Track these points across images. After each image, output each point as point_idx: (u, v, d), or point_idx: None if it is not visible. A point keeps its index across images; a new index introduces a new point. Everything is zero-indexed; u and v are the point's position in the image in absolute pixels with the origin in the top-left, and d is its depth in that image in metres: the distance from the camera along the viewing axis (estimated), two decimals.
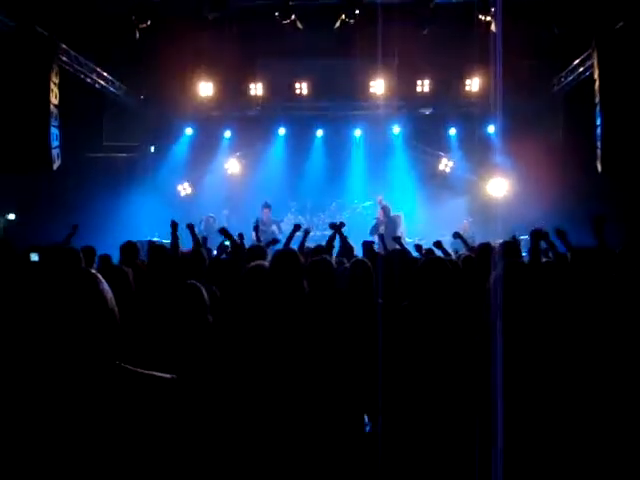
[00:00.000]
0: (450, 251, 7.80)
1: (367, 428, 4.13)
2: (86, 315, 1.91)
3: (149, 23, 11.63)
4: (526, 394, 2.85)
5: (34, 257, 5.38)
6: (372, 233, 13.30)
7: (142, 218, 14.07)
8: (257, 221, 9.10)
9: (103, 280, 2.00)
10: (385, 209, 14.00)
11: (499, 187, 15.19)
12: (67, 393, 1.86)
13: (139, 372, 2.00)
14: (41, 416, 1.83)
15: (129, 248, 6.16)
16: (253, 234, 8.04)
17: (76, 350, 1.89)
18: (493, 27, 11.66)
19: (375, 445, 3.90)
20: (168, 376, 2.03)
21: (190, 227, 7.03)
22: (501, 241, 6.10)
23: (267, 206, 14.32)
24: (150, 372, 2.01)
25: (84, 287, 1.95)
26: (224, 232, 6.86)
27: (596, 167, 11.05)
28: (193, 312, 3.70)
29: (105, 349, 1.95)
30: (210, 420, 3.14)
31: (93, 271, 2.05)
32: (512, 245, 5.71)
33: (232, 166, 16.57)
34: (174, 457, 1.95)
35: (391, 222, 13.65)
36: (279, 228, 14.32)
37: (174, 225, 6.59)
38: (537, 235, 5.37)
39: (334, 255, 6.62)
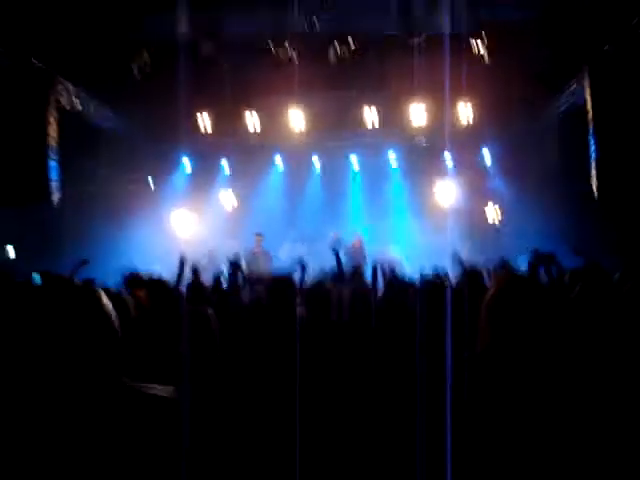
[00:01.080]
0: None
1: None
2: (90, 330, 1.96)
3: (147, 58, 11.78)
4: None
5: (37, 279, 5.36)
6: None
7: (141, 250, 14.10)
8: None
9: (106, 297, 2.06)
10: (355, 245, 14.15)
11: (494, 214, 15.29)
12: (74, 409, 1.90)
13: (143, 387, 2.04)
14: (48, 431, 1.87)
15: (132, 279, 6.21)
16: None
17: (82, 366, 1.94)
18: (484, 53, 11.82)
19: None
20: (170, 389, 2.07)
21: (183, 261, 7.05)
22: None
23: (260, 236, 14.22)
24: (153, 386, 2.06)
25: (87, 303, 2.00)
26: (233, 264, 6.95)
27: (591, 193, 11.12)
28: (202, 336, 3.73)
29: (110, 366, 1.99)
30: (208, 438, 3.16)
31: (95, 288, 2.10)
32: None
33: (230, 197, 16.67)
34: (175, 470, 1.98)
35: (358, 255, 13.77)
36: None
37: (182, 261, 6.67)
38: (541, 258, 5.30)
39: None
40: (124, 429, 1.92)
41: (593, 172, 11.02)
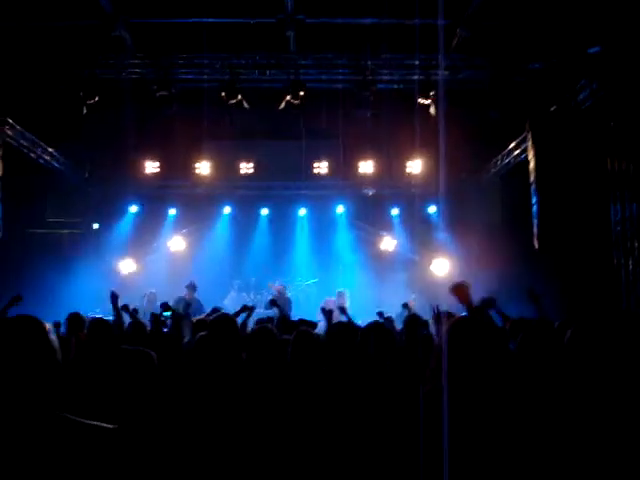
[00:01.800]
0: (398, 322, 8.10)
1: None
2: (35, 362, 1.90)
3: (96, 99, 11.73)
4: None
5: None
6: (266, 308, 13.23)
7: (84, 293, 13.79)
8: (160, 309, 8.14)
9: (52, 330, 2.00)
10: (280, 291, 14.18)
11: (441, 266, 15.48)
12: (8, 440, 1.82)
13: (81, 422, 1.97)
14: None
15: (74, 319, 6.13)
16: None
17: (20, 396, 1.87)
18: (432, 110, 12.10)
19: None
20: (110, 426, 2.00)
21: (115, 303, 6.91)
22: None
23: (191, 286, 13.75)
24: (92, 422, 1.99)
25: (34, 333, 1.94)
26: (165, 306, 7.00)
27: (533, 245, 11.39)
28: (142, 374, 3.64)
29: (48, 398, 1.92)
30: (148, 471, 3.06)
31: (41, 321, 2.04)
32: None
33: (176, 243, 16.53)
34: None
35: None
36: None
37: (114, 296, 6.62)
38: (487, 303, 5.51)
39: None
40: (58, 460, 1.85)
41: (535, 224, 11.32)
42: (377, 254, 16.66)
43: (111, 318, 6.48)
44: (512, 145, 13.95)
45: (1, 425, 1.85)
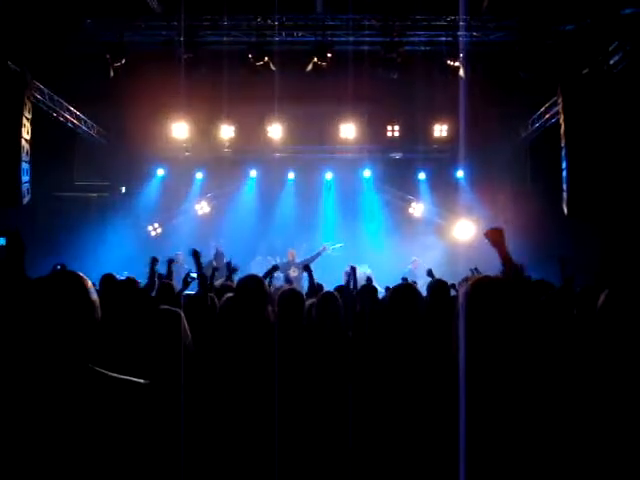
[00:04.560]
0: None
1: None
2: (74, 316, 1.95)
3: (123, 62, 11.74)
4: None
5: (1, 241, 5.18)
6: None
7: (114, 256, 13.95)
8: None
9: (93, 288, 2.04)
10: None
11: (466, 229, 15.43)
12: (42, 392, 1.87)
13: (114, 376, 2.02)
14: (15, 414, 1.84)
15: (107, 280, 6.24)
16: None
17: (57, 350, 1.91)
18: (461, 73, 11.93)
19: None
20: (142, 381, 2.05)
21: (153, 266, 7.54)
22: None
23: (219, 254, 13.72)
24: (125, 377, 2.03)
25: (75, 289, 1.98)
26: (195, 253, 7.13)
27: (562, 210, 11.26)
28: (171, 333, 3.70)
29: (85, 352, 1.97)
30: (179, 431, 3.12)
31: (85, 278, 2.08)
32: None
33: (203, 207, 16.62)
34: (144, 459, 1.95)
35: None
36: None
37: (155, 260, 7.58)
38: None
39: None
40: (94, 412, 1.90)
41: (564, 188, 11.17)
42: (403, 218, 16.62)
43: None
44: (542, 109, 13.74)
45: (38, 376, 1.90)
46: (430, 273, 8.98)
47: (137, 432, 1.95)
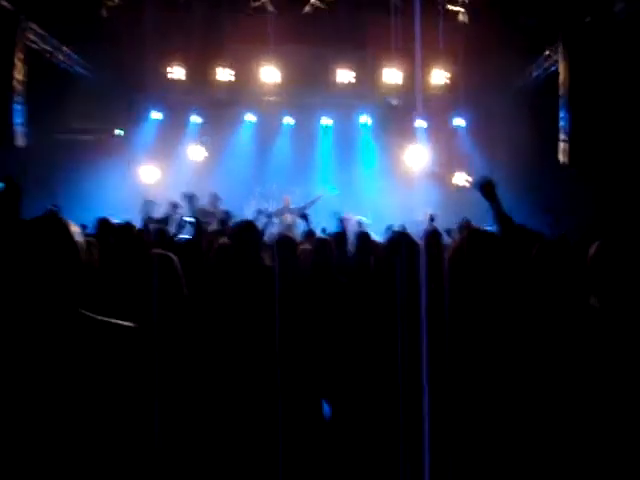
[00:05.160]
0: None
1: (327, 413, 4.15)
2: (58, 260, 1.94)
3: (116, 1, 11.51)
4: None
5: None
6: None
7: (111, 200, 13.88)
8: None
9: (74, 227, 2.03)
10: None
11: (463, 179, 15.40)
12: (31, 336, 1.88)
13: (101, 319, 2.02)
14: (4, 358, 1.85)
15: (103, 224, 6.25)
16: None
17: (44, 294, 1.91)
18: (461, 17, 11.75)
19: (333, 430, 3.94)
20: (129, 324, 2.06)
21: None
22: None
23: (214, 197, 13.59)
24: (112, 320, 2.04)
25: (57, 232, 1.97)
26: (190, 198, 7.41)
27: (558, 160, 11.20)
28: (164, 277, 3.70)
29: (71, 296, 1.97)
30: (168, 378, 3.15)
31: (66, 220, 2.06)
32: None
33: (196, 152, 16.49)
34: (133, 403, 1.97)
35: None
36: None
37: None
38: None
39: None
40: (81, 355, 1.91)
41: (561, 137, 11.09)
42: (400, 165, 16.55)
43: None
44: (542, 57, 13.54)
45: (25, 321, 1.90)
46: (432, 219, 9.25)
47: (125, 376, 1.96)
